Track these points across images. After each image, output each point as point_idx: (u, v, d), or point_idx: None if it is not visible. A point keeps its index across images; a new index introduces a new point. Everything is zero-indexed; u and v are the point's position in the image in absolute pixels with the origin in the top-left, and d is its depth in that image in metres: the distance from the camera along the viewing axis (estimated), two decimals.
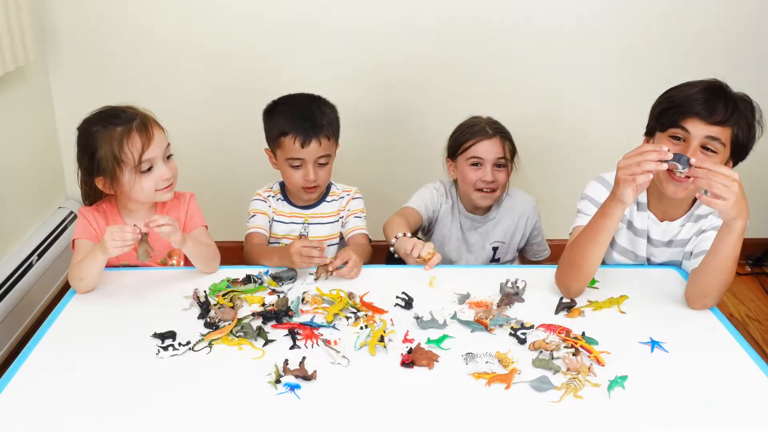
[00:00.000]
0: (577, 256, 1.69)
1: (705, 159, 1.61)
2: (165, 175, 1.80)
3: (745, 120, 1.67)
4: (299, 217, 2.14)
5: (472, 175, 2.19)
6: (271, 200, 2.15)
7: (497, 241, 2.29)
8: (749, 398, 1.36)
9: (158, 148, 1.78)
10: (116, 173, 1.76)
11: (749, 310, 2.87)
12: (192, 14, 2.75)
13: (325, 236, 2.14)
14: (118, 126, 1.75)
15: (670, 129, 1.69)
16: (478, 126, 2.22)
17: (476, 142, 2.18)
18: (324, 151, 2.02)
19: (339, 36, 2.79)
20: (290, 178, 2.05)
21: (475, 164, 2.18)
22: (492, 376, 1.38)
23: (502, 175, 2.19)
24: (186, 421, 1.28)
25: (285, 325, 1.56)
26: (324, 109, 2.07)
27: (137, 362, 1.44)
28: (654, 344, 1.51)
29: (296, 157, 2.01)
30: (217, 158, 2.97)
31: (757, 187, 2.28)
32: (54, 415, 1.29)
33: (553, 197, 2.86)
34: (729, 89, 1.69)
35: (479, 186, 2.19)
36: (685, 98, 1.68)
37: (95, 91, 2.75)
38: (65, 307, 1.66)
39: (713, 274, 1.61)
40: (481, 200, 2.21)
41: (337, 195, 2.17)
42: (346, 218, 2.16)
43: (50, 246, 2.70)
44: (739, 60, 2.79)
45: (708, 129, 1.64)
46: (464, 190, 2.25)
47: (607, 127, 2.93)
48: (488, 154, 2.17)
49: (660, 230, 1.85)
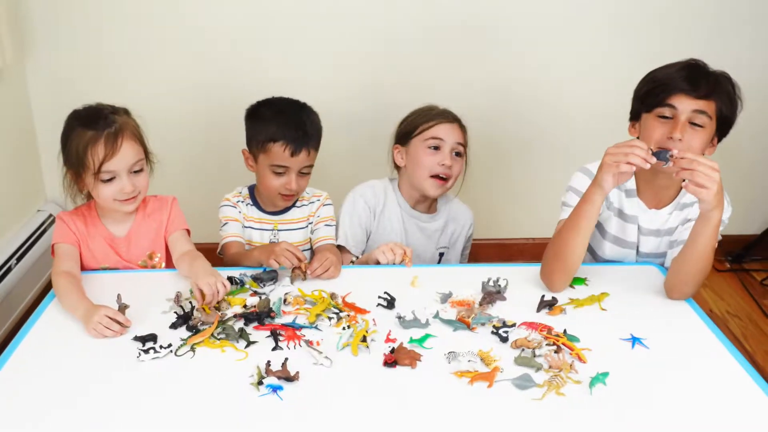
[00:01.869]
0: (560, 246, 1.71)
1: (686, 150, 1.64)
2: (125, 189, 1.77)
3: (727, 94, 1.74)
4: (268, 223, 2.11)
5: (429, 159, 2.08)
6: (241, 205, 2.10)
7: (443, 247, 2.24)
8: (729, 394, 1.37)
9: (122, 162, 1.75)
10: (80, 172, 1.77)
11: (729, 307, 2.90)
12: (173, 14, 2.74)
13: (295, 242, 2.09)
14: (90, 130, 1.74)
15: (657, 108, 1.74)
16: (436, 110, 2.14)
17: (437, 123, 2.09)
18: (310, 161, 2.01)
19: (325, 35, 2.80)
20: (269, 183, 2.02)
21: (434, 147, 2.08)
22: (474, 375, 1.39)
23: (458, 165, 2.10)
24: (168, 424, 1.27)
25: (267, 327, 1.56)
26: (312, 117, 2.05)
27: (118, 366, 1.43)
28: (635, 341, 1.52)
29: (282, 165, 1.98)
30: (199, 157, 2.96)
31: (737, 183, 2.31)
32: (34, 419, 1.28)
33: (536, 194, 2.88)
34: (708, 66, 1.75)
35: (435, 171, 2.07)
36: (668, 76, 1.74)
37: (74, 93, 2.69)
38: (45, 311, 1.64)
39: (692, 264, 1.63)
40: (432, 189, 2.10)
41: (306, 200, 2.13)
42: (315, 225, 2.12)
43: (30, 249, 2.68)
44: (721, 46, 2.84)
45: (694, 103, 1.69)
46: (416, 177, 2.12)
47: (590, 122, 2.96)
48: (449, 137, 2.08)
49: (648, 218, 1.87)
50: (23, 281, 2.61)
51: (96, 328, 1.51)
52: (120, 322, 1.53)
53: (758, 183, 3.13)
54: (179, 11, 2.73)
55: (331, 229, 2.12)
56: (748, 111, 1.82)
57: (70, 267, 1.76)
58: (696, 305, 1.68)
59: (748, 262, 3.19)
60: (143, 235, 1.90)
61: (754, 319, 2.81)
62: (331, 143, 2.18)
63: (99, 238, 1.86)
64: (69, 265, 1.77)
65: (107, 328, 1.51)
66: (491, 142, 2.95)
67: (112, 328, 1.52)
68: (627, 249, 1.93)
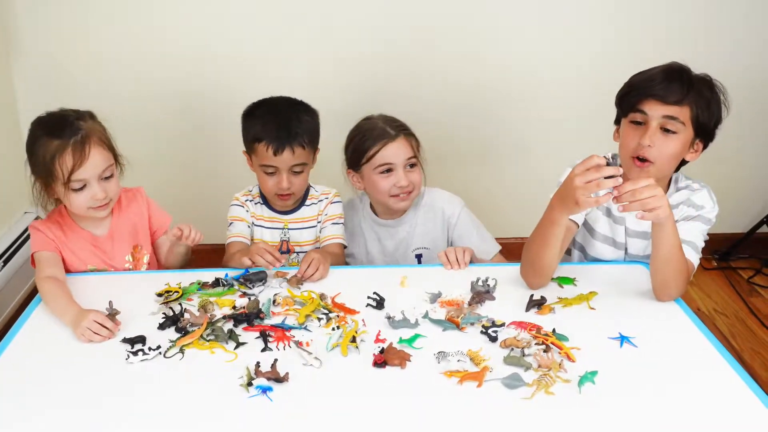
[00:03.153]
0: (533, 257, 1.70)
1: (656, 156, 1.68)
2: (97, 196, 1.76)
3: (704, 99, 1.71)
4: (279, 222, 2.10)
5: (384, 183, 2.04)
6: (250, 204, 2.10)
7: (420, 248, 2.16)
8: (716, 392, 1.37)
9: (92, 170, 1.73)
10: (49, 182, 1.75)
11: (716, 304, 2.92)
12: (163, 13, 2.73)
13: (306, 241, 2.10)
14: (56, 140, 1.71)
15: (630, 114, 1.74)
16: (377, 129, 2.06)
17: (381, 147, 2.02)
18: (298, 160, 1.97)
19: (322, 35, 2.80)
20: (264, 183, 2.02)
21: (386, 170, 2.03)
22: (464, 375, 1.39)
23: (415, 176, 2.05)
24: (157, 425, 1.27)
25: (256, 328, 1.55)
26: (302, 116, 2.01)
27: (107, 368, 1.42)
28: (623, 339, 1.52)
29: (269, 165, 1.97)
30: (195, 159, 2.95)
31: (723, 182, 2.32)
32: (22, 422, 1.27)
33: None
34: (688, 70, 1.73)
35: (394, 192, 2.04)
36: (643, 81, 1.74)
37: (60, 94, 2.70)
38: (32, 314, 1.64)
39: (664, 266, 1.63)
40: (397, 204, 2.08)
41: (315, 198, 2.12)
42: (323, 223, 2.11)
43: (16, 252, 2.66)
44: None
45: (664, 109, 1.68)
46: (378, 199, 2.10)
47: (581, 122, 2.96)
48: (397, 158, 2.02)
49: (635, 220, 1.87)
50: (10, 284, 2.60)
51: (84, 334, 1.50)
52: (108, 328, 1.52)
53: (744, 182, 3.15)
54: (170, 10, 2.72)
55: (339, 227, 2.11)
56: (733, 110, 1.81)
57: (54, 272, 1.75)
58: (684, 304, 1.69)
59: (735, 260, 3.21)
60: (125, 230, 1.90)
61: (742, 317, 2.82)
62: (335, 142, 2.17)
63: (80, 240, 1.85)
64: (52, 270, 1.75)
65: (96, 333, 1.50)
66: (482, 141, 2.96)
67: (101, 333, 1.51)
68: (618, 250, 1.93)
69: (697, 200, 1.81)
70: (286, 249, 2.10)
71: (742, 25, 2.86)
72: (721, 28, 2.86)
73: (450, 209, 2.15)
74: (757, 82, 2.92)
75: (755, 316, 2.81)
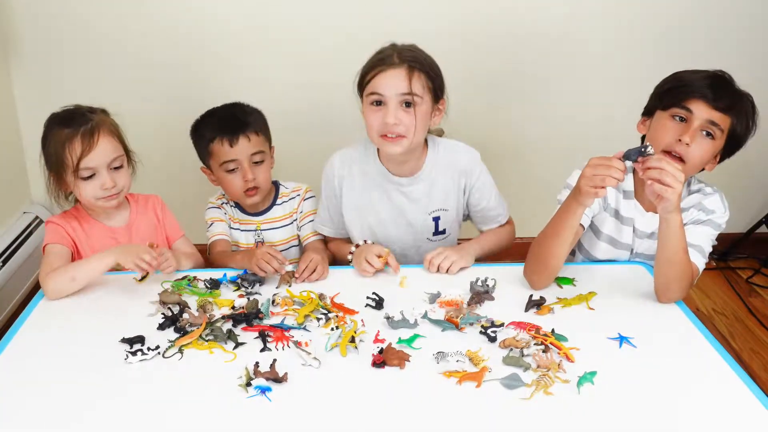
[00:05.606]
0: (542, 252, 1.71)
1: (690, 158, 1.69)
2: (105, 184, 1.79)
3: (745, 114, 1.73)
4: (251, 224, 2.12)
5: (373, 117, 1.76)
6: (226, 207, 2.12)
7: (438, 209, 1.93)
8: (715, 392, 1.38)
9: (101, 157, 1.77)
10: (60, 172, 1.78)
11: (715, 304, 2.92)
12: (161, 14, 2.72)
13: (281, 240, 2.11)
14: (66, 128, 1.76)
15: (673, 108, 1.73)
16: (384, 53, 1.78)
17: (377, 73, 1.74)
18: (255, 148, 2.00)
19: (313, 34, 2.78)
20: (230, 185, 2.03)
21: (376, 102, 1.76)
22: (463, 375, 1.39)
23: (409, 117, 1.74)
24: (156, 426, 1.27)
25: (255, 328, 1.55)
26: (246, 109, 2.07)
27: (106, 368, 1.42)
28: (622, 340, 1.52)
29: (229, 160, 1.98)
30: (185, 159, 2.93)
31: (724, 182, 2.31)
32: (22, 422, 1.27)
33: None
34: (734, 82, 1.75)
35: (381, 131, 1.77)
36: (693, 80, 1.74)
37: (60, 94, 2.69)
38: (31, 314, 1.63)
39: (668, 267, 1.64)
40: (387, 147, 1.79)
41: (287, 196, 2.14)
42: (300, 221, 2.13)
43: (15, 252, 2.66)
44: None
45: (711, 113, 1.69)
46: (371, 139, 1.83)
47: (585, 123, 2.96)
48: (389, 89, 1.73)
49: (645, 221, 1.87)
50: (9, 284, 2.60)
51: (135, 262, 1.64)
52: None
53: (744, 182, 3.14)
54: (171, 12, 2.72)
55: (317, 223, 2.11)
56: None
57: (56, 268, 1.74)
58: (683, 304, 1.69)
59: (733, 260, 3.22)
60: (143, 224, 1.94)
61: (740, 317, 2.82)
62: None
63: (98, 233, 1.88)
64: (57, 266, 1.75)
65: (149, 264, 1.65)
66: (483, 141, 2.95)
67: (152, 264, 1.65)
68: (621, 250, 1.93)
69: (709, 204, 1.81)
70: None
71: (743, 25, 2.86)
72: (721, 27, 2.85)
73: (470, 164, 1.93)
74: (757, 81, 2.91)
75: (754, 316, 2.82)
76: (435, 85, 1.80)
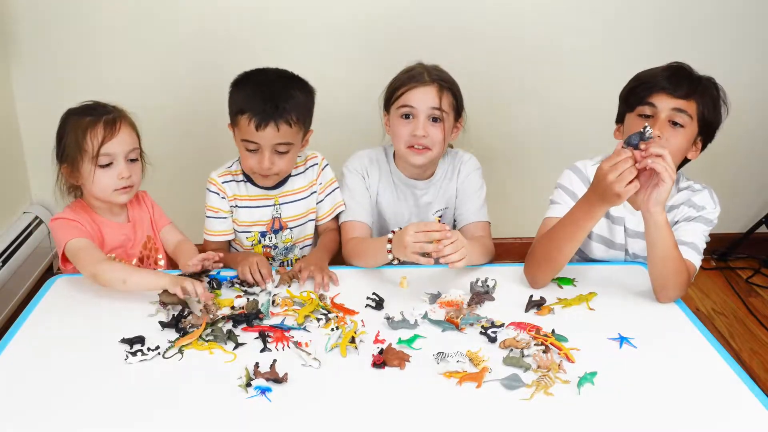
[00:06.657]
0: (552, 250, 1.70)
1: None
2: (122, 174, 1.80)
3: (710, 96, 1.76)
4: (268, 199, 1.97)
5: (403, 129, 1.91)
6: (230, 186, 1.96)
7: (442, 209, 2.08)
8: (715, 392, 1.38)
9: (120, 146, 1.79)
10: (77, 162, 1.78)
11: (715, 304, 2.92)
12: (161, 12, 2.73)
13: (299, 214, 2.00)
14: (88, 117, 1.79)
15: (638, 107, 1.77)
16: (414, 71, 1.94)
17: (409, 89, 1.90)
18: (282, 139, 1.83)
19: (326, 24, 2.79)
20: (245, 161, 1.89)
21: (406, 116, 1.91)
22: (463, 375, 1.39)
23: (436, 131, 1.90)
24: (156, 426, 1.27)
25: (255, 328, 1.55)
26: (293, 91, 1.85)
27: (106, 368, 1.42)
28: (622, 340, 1.53)
29: (251, 141, 1.83)
30: (186, 161, 2.94)
31: (722, 182, 2.32)
32: (22, 422, 1.27)
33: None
34: (692, 69, 1.79)
35: (410, 142, 1.91)
36: (651, 76, 1.78)
37: (59, 94, 2.71)
38: (30, 314, 1.63)
39: (661, 266, 1.64)
40: (412, 157, 1.94)
41: (302, 165, 2.01)
42: (321, 192, 2.01)
43: (15, 251, 2.66)
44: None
45: (674, 102, 1.72)
46: (397, 148, 1.98)
47: (579, 123, 2.97)
48: (421, 103, 1.88)
49: (635, 220, 1.87)
50: (9, 284, 2.59)
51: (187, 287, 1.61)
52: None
53: (743, 182, 3.15)
54: (172, 13, 2.72)
55: (336, 193, 2.03)
56: (732, 110, 1.83)
57: (103, 257, 1.74)
58: (683, 304, 1.69)
59: (733, 260, 3.22)
60: (142, 220, 1.95)
61: (740, 317, 2.83)
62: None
63: (106, 228, 1.87)
64: (101, 255, 1.74)
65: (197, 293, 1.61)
66: (479, 141, 2.95)
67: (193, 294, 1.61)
68: (615, 251, 1.93)
69: (698, 201, 1.82)
70: (279, 227, 2.01)
71: (741, 25, 2.87)
72: (721, 27, 2.86)
73: (465, 168, 2.06)
74: (756, 82, 2.92)
75: (754, 316, 2.82)
76: (458, 104, 1.96)
